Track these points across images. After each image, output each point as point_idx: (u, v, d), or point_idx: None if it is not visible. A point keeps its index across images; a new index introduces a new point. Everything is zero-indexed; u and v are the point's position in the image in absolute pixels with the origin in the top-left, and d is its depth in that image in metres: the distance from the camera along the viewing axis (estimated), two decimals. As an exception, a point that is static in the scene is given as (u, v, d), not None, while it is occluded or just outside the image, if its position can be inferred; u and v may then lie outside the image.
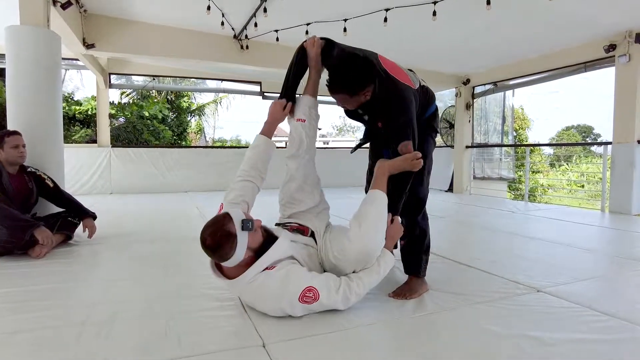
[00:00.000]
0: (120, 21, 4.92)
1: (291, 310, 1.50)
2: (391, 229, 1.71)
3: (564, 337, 1.42)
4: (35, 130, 3.04)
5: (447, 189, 7.55)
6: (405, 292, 1.82)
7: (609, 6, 4.04)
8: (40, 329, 1.46)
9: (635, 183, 4.65)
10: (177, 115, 12.03)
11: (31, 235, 2.40)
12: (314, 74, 1.94)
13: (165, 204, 5.31)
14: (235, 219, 1.46)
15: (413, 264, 1.90)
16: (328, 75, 1.66)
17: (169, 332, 1.43)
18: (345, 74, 1.61)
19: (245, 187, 1.75)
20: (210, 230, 1.44)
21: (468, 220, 4.23)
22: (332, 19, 4.48)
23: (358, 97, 1.65)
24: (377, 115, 1.77)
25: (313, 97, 1.97)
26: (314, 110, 1.94)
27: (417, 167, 1.69)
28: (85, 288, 1.96)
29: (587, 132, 28.20)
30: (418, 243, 1.90)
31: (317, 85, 1.97)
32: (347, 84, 1.62)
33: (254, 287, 1.50)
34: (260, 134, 1.88)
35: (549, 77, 5.95)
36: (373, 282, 1.65)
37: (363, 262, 1.63)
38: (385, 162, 1.74)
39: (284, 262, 1.54)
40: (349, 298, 1.56)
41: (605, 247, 3.01)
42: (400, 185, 1.73)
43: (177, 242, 2.97)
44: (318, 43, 1.87)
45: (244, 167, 1.79)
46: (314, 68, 1.92)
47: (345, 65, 1.63)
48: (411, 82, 1.79)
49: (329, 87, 1.66)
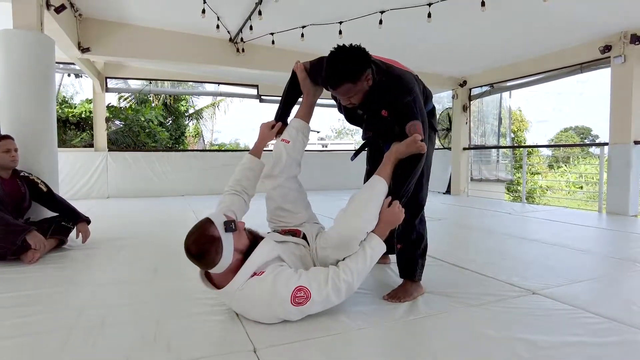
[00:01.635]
0: (115, 25, 4.93)
1: (286, 315, 1.47)
2: (387, 213, 1.62)
3: (558, 340, 1.40)
4: (28, 135, 3.03)
5: (445, 191, 7.55)
6: (399, 295, 1.79)
7: (603, 7, 4.05)
8: (26, 335, 1.44)
9: (632, 184, 4.65)
10: (174, 119, 12.02)
11: (23, 240, 2.38)
12: (307, 98, 1.99)
13: (161, 207, 5.29)
14: (217, 222, 1.44)
15: (408, 267, 1.86)
16: (324, 72, 1.60)
17: (159, 337, 1.41)
18: (341, 61, 1.57)
19: (232, 199, 1.81)
20: (194, 237, 1.43)
21: (465, 222, 4.22)
22: (328, 22, 4.49)
23: (361, 83, 1.59)
24: (380, 104, 1.69)
25: (303, 121, 2.00)
26: (301, 134, 1.98)
27: (423, 149, 1.62)
28: (76, 293, 1.94)
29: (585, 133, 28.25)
30: (414, 247, 1.87)
31: (310, 109, 2.01)
32: (346, 70, 1.56)
33: (244, 295, 1.46)
34: (249, 153, 1.97)
35: (545, 79, 5.96)
36: (361, 268, 1.55)
37: (344, 247, 1.57)
38: (392, 149, 1.70)
39: (272, 265, 1.51)
40: (339, 287, 1.50)
41: (602, 249, 2.99)
42: (407, 170, 1.66)
43: (171, 246, 2.94)
44: (301, 67, 1.93)
45: (230, 183, 1.88)
46: (305, 92, 1.98)
47: (338, 54, 1.58)
48: (408, 69, 1.78)
49: (330, 83, 1.60)
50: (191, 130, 13.39)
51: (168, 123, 11.70)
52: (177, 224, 3.99)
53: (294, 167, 1.96)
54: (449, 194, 7.39)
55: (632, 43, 4.50)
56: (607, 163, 4.92)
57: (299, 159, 1.98)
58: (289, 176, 1.94)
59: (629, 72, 4.62)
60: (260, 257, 1.50)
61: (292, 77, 1.99)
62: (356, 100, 1.66)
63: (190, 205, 5.40)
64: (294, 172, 1.97)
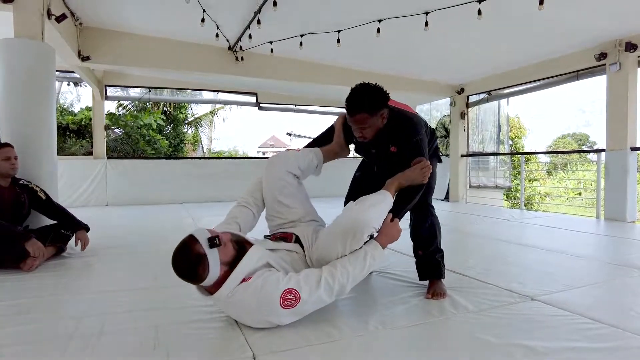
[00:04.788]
0: (115, 33, 4.97)
1: (277, 319, 1.47)
2: (389, 226, 1.69)
3: (557, 345, 1.41)
4: (28, 143, 3.04)
5: (444, 197, 7.56)
6: (438, 292, 1.91)
7: (598, 15, 4.10)
8: (25, 343, 1.44)
9: (630, 190, 4.66)
10: (173, 126, 12.04)
11: (22, 248, 2.38)
12: (334, 145, 2.10)
13: (160, 215, 5.29)
14: (200, 239, 1.44)
15: (434, 269, 2.00)
16: (346, 103, 1.75)
17: (158, 344, 1.41)
18: (363, 93, 1.72)
19: (240, 211, 1.86)
20: (179, 257, 1.45)
21: (463, 229, 4.22)
22: (326, 30, 4.53)
23: (376, 118, 1.74)
24: (390, 140, 1.86)
25: (321, 153, 2.07)
26: (316, 159, 2.03)
27: (426, 176, 1.78)
28: (75, 300, 1.94)
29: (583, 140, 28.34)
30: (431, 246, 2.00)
31: (330, 156, 2.10)
32: (365, 101, 1.70)
33: (234, 301, 1.46)
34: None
35: (542, 86, 6.00)
36: (357, 274, 1.57)
37: (351, 232, 1.56)
38: (397, 175, 1.80)
39: (260, 271, 1.51)
40: (332, 287, 1.50)
41: (600, 255, 3.00)
42: (408, 196, 1.81)
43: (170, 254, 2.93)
44: (341, 120, 2.06)
45: (242, 194, 1.93)
46: (335, 139, 2.10)
47: (362, 87, 1.74)
48: (416, 113, 1.98)
49: (349, 107, 1.73)
50: (190, 137, 13.40)
51: (167, 131, 11.71)
52: (176, 232, 3.97)
53: (295, 168, 1.96)
54: (447, 200, 7.40)
55: (627, 50, 4.55)
56: (604, 169, 4.95)
57: (303, 168, 1.98)
58: (289, 171, 1.93)
59: (625, 79, 4.66)
60: (248, 264, 1.49)
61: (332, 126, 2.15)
62: (368, 135, 1.79)
63: (189, 213, 5.40)
64: (294, 170, 1.96)
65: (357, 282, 1.60)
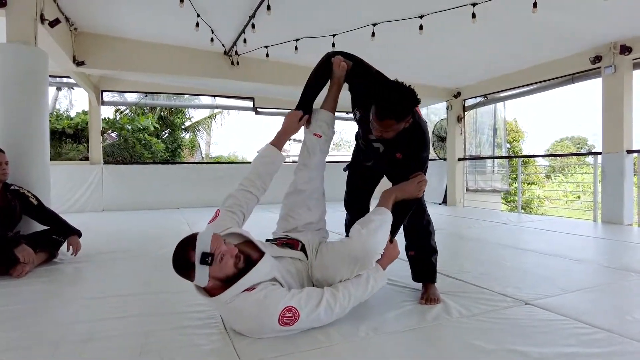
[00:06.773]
0: (110, 38, 4.96)
1: (271, 333, 1.44)
2: (389, 248, 1.68)
3: (551, 351, 1.38)
4: (20, 148, 3.01)
5: (441, 201, 7.54)
6: (432, 297, 1.88)
7: (593, 19, 4.10)
8: (12, 350, 1.41)
9: (626, 193, 4.65)
10: (171, 131, 12.01)
11: (12, 254, 2.35)
12: (335, 90, 1.96)
13: (156, 220, 5.26)
14: (197, 248, 1.39)
15: (426, 271, 1.98)
16: (375, 103, 1.63)
17: (145, 351, 1.39)
18: (396, 98, 1.61)
19: (245, 197, 1.74)
20: (175, 252, 1.45)
21: (460, 233, 4.20)
22: (321, 35, 4.53)
23: (402, 124, 1.66)
24: (400, 147, 1.80)
25: (331, 113, 1.97)
26: (331, 128, 1.96)
27: (422, 190, 1.78)
28: (64, 307, 1.91)
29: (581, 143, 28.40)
30: (426, 246, 2.00)
31: (337, 100, 1.98)
32: (396, 109, 1.61)
33: (233, 307, 1.44)
34: (270, 144, 1.85)
35: (538, 89, 6.02)
36: (359, 296, 1.58)
37: (361, 260, 1.56)
38: (394, 187, 1.79)
39: (264, 283, 1.48)
40: (332, 309, 1.49)
41: (596, 258, 2.98)
42: (403, 211, 1.79)
43: (162, 259, 2.91)
44: (344, 67, 1.90)
45: (248, 176, 1.78)
46: (335, 84, 1.96)
47: (395, 91, 1.62)
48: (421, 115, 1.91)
49: (379, 110, 1.61)
50: (187, 142, 13.37)
51: (164, 136, 11.68)
52: (171, 237, 3.95)
53: (324, 163, 1.93)
54: (445, 204, 7.38)
55: (621, 53, 4.56)
56: (601, 172, 4.94)
57: (327, 154, 1.97)
58: (321, 172, 1.91)
59: (620, 82, 4.67)
60: (255, 277, 1.46)
61: (321, 67, 1.94)
62: (388, 136, 1.71)
63: (185, 218, 5.37)
64: (324, 168, 1.94)
65: (357, 304, 1.60)
